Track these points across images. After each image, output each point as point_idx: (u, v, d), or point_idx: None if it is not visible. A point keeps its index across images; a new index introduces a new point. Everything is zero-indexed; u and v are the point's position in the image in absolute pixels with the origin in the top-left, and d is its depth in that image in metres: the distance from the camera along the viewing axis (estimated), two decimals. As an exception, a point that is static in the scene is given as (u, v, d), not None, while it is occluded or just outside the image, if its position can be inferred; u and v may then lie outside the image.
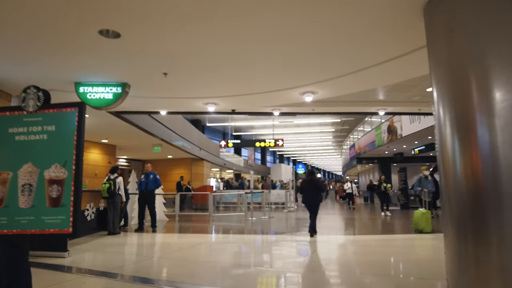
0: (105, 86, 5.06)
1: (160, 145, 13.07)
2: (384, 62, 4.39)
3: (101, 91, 5.04)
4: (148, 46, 3.94)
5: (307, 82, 5.18)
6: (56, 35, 3.64)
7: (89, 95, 5.03)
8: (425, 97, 6.72)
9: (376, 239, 7.28)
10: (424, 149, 17.61)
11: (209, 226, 9.86)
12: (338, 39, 3.73)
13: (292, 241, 7.07)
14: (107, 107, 5.08)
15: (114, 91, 5.05)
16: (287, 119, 26.19)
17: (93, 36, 3.60)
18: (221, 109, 6.85)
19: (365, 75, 4.88)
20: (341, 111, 7.38)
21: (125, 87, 5.06)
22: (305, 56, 4.25)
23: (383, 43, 3.85)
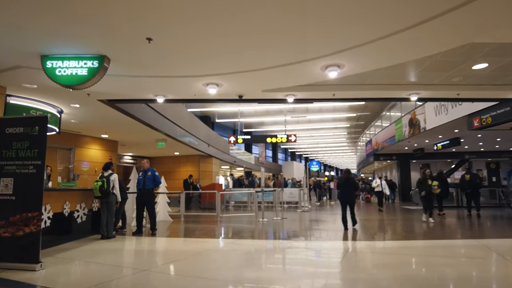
0: (79, 60, 4.16)
1: (164, 140, 12.23)
2: (424, 22, 3.36)
3: (73, 66, 4.15)
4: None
5: (330, 50, 4.12)
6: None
7: (59, 71, 4.15)
8: (468, 77, 5.64)
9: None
10: (448, 144, 16.30)
11: (217, 228, 8.95)
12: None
13: (318, 250, 6.08)
14: (81, 85, 4.17)
15: (90, 65, 4.15)
16: (300, 114, 25.14)
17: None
18: (225, 93, 5.86)
19: (402, 41, 3.85)
20: (366, 96, 6.34)
21: (103, 61, 4.15)
22: (330, 12, 3.25)
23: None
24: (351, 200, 8.15)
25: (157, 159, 18.64)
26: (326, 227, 9.07)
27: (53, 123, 7.31)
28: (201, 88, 5.55)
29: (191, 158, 17.74)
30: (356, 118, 27.55)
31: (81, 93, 6.31)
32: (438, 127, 12.91)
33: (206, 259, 5.02)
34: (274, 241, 6.72)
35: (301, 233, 8.04)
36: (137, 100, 6.69)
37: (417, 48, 4.15)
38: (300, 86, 5.85)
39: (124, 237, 7.29)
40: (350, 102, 15.01)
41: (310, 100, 6.47)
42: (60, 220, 6.10)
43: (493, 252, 5.37)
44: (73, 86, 4.17)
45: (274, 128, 30.47)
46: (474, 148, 19.42)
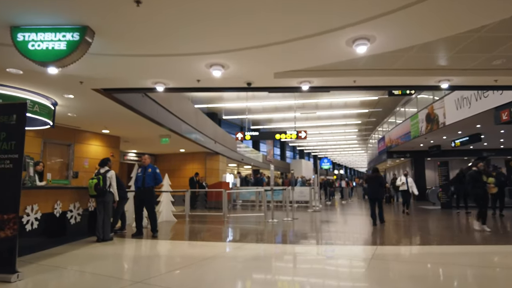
0: (56, 32, 3.53)
1: (168, 136, 11.64)
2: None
3: (49, 39, 3.53)
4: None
5: (359, 16, 3.31)
6: None
7: (32, 45, 3.53)
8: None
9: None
10: (466, 141, 15.41)
11: (223, 229, 8.33)
12: None
13: (337, 257, 5.41)
14: (59, 62, 3.53)
15: (69, 38, 3.51)
16: (309, 110, 24.39)
17: None
18: (232, 77, 5.15)
19: (447, 6, 3.13)
20: (390, 83, 5.63)
21: (85, 33, 3.51)
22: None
23: None
24: (379, 197, 8.90)
25: (162, 157, 18.12)
26: (341, 228, 8.38)
27: (46, 116, 6.75)
28: (204, 71, 4.86)
29: (197, 155, 17.17)
30: (368, 115, 26.70)
31: (74, 82, 5.74)
32: (459, 122, 12.08)
33: (211, 268, 4.38)
34: (286, 246, 6.06)
35: (315, 236, 7.37)
36: (135, 90, 6.09)
37: (466, 17, 3.39)
38: (316, 71, 5.18)
39: (123, 239, 6.70)
40: (371, 91, 14.08)
41: (327, 88, 5.78)
42: (50, 222, 5.53)
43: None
44: (50, 63, 3.53)
45: (282, 125, 29.79)
46: (494, 145, 18.50)
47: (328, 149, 47.15)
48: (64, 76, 5.36)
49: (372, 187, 9.02)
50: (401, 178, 12.44)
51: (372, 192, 8.98)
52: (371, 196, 8.97)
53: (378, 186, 8.93)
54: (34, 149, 9.15)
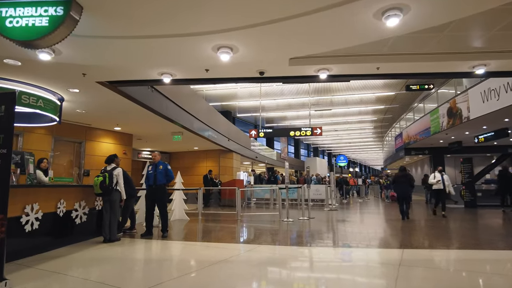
0: (36, 6, 3.15)
1: (180, 133, 11.34)
2: None
3: (29, 14, 3.16)
4: None
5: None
6: None
7: (10, 21, 3.16)
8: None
9: None
10: (491, 137, 14.55)
11: (236, 229, 7.95)
12: None
13: (362, 264, 4.95)
14: (41, 40, 3.13)
15: (51, 13, 3.13)
16: (324, 107, 23.80)
17: None
18: (243, 63, 4.69)
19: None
20: (417, 70, 5.09)
21: (70, 8, 3.10)
22: None
23: None
24: (407, 195, 9.56)
25: (176, 154, 17.92)
26: (361, 229, 7.87)
27: (51, 111, 6.49)
28: (211, 56, 4.42)
29: (210, 153, 16.87)
30: (384, 111, 25.94)
31: (76, 74, 5.45)
32: (485, 116, 11.32)
33: (222, 273, 3.99)
34: (303, 249, 5.61)
35: (334, 237, 6.89)
36: (141, 82, 5.74)
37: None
38: (336, 57, 4.71)
39: (131, 240, 6.39)
40: (395, 79, 13.31)
41: (347, 77, 5.30)
42: (53, 222, 5.25)
43: None
44: (31, 42, 3.17)
45: (296, 123, 29.31)
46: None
47: (343, 147, 46.35)
48: (63, 67, 5.05)
49: (400, 185, 9.69)
50: (435, 175, 10.58)
51: (401, 191, 9.63)
52: (400, 195, 9.64)
53: (407, 184, 9.65)
54: (44, 147, 8.99)
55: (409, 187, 9.67)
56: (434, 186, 10.47)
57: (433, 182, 10.51)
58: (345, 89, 19.85)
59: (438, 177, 10.40)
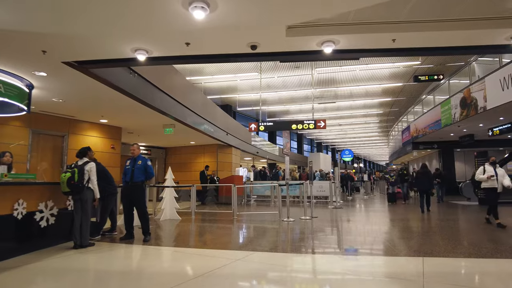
0: None
1: (172, 126, 10.52)
2: None
3: None
4: None
5: None
6: None
7: None
8: None
9: None
10: (507, 129, 13.56)
11: (230, 231, 7.14)
12: None
13: (378, 279, 4.11)
14: None
15: None
16: (328, 100, 22.87)
17: None
18: (225, 28, 3.79)
19: None
20: (440, 43, 4.19)
21: None
22: None
23: None
24: (427, 189, 10.50)
25: (172, 150, 17.13)
26: (370, 231, 7.02)
27: (15, 99, 5.66)
28: (185, 17, 3.51)
29: (208, 148, 16.05)
30: (390, 104, 24.98)
31: (35, 51, 4.61)
32: (504, 105, 10.36)
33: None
34: (304, 257, 4.77)
35: (340, 241, 6.05)
36: (114, 62, 4.90)
37: None
38: (343, 26, 3.85)
39: (108, 244, 5.59)
40: (413, 56, 12.33)
41: (357, 52, 4.43)
42: (8, 226, 4.46)
43: None
44: None
45: (300, 117, 28.40)
46: (537, 133, 16.51)
47: (347, 142, 45.43)
48: (12, 39, 4.22)
49: (422, 181, 10.60)
50: (485, 168, 7.52)
51: (423, 185, 10.54)
52: (421, 188, 10.59)
53: (427, 180, 10.62)
54: (19, 140, 8.20)
55: (430, 182, 10.77)
56: (484, 184, 7.42)
57: (482, 178, 7.40)
58: (351, 80, 18.94)
59: (490, 171, 7.37)
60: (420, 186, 10.71)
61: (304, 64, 16.25)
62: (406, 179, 14.08)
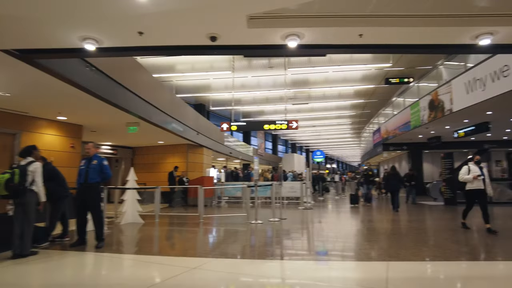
0: None
1: (137, 124, 9.98)
2: None
3: None
4: None
5: None
6: None
7: None
8: None
9: None
10: (471, 131, 13.96)
11: (193, 235, 6.77)
12: None
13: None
14: None
15: None
16: (301, 101, 22.87)
17: None
18: (179, 13, 3.44)
19: None
20: (408, 40, 4.06)
21: None
22: None
23: None
24: (396, 189, 11.39)
25: (140, 150, 16.43)
26: (338, 233, 6.87)
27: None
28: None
29: (178, 148, 15.51)
30: (362, 106, 25.36)
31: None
32: (469, 108, 10.60)
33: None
34: (266, 264, 4.49)
35: (307, 245, 5.85)
36: (60, 52, 4.42)
37: None
38: (309, 18, 3.61)
39: (55, 252, 5.08)
40: (381, 53, 12.20)
41: (323, 48, 4.21)
42: None
43: None
44: None
45: (274, 117, 28.30)
46: (498, 136, 17.21)
47: (321, 143, 45.98)
48: None
49: (392, 182, 11.81)
50: (470, 167, 6.73)
51: (393, 186, 11.61)
52: (392, 189, 11.57)
53: (397, 181, 11.87)
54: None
55: (399, 183, 11.96)
56: (469, 185, 6.62)
57: (468, 178, 6.59)
58: (324, 81, 19.00)
59: (475, 170, 6.63)
60: (390, 186, 11.71)
61: (278, 64, 16.08)
62: (371, 181, 13.99)
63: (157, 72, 15.92)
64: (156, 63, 15.35)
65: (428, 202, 14.16)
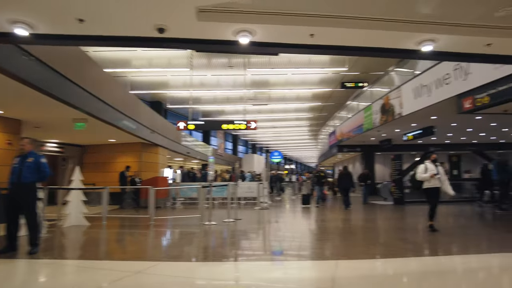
0: None
1: (84, 120, 9.36)
2: None
3: None
4: None
5: None
6: None
7: None
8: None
9: None
10: (420, 134, 14.80)
11: (142, 238, 6.44)
12: None
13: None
14: None
15: None
16: (261, 102, 22.98)
17: None
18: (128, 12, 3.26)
19: None
20: (357, 42, 4.14)
21: None
22: None
23: None
24: (348, 187, 12.26)
25: (91, 148, 15.47)
26: (291, 232, 6.89)
27: None
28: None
29: (131, 146, 14.83)
30: (320, 109, 26.03)
31: None
32: (416, 112, 11.22)
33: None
34: (215, 266, 4.36)
35: (258, 245, 5.78)
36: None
37: None
38: (261, 14, 3.54)
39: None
40: (331, 54, 12.56)
41: (275, 47, 4.18)
42: None
43: None
44: None
45: (235, 117, 28.18)
46: (441, 140, 18.46)
47: (281, 144, 46.64)
48: None
49: (344, 181, 12.54)
50: (427, 166, 6.86)
51: (345, 184, 12.38)
52: (344, 187, 12.33)
53: (349, 180, 12.63)
54: None
55: (350, 182, 12.70)
56: (427, 183, 6.72)
57: (425, 177, 6.70)
58: (283, 83, 19.24)
59: (432, 169, 6.75)
60: (343, 185, 12.45)
61: (238, 64, 16.00)
62: (322, 182, 13.91)
63: (110, 67, 15.14)
64: (110, 57, 14.60)
65: (379, 202, 14.78)
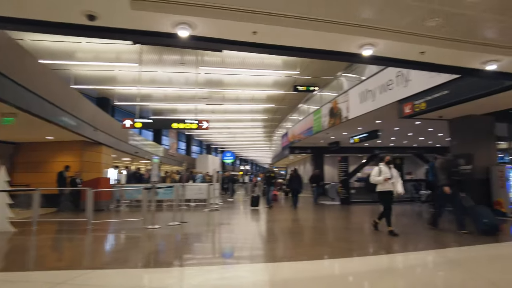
0: None
1: (13, 115, 8.48)
2: None
3: None
4: None
5: None
6: None
7: None
8: (450, 21, 3.84)
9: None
10: (365, 137, 15.53)
11: (76, 244, 5.92)
12: None
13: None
14: None
15: None
16: (215, 101, 22.66)
17: None
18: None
19: None
20: (301, 43, 4.11)
21: None
22: None
23: None
24: (299, 189, 12.91)
25: (26, 146, 14.09)
26: (237, 234, 6.77)
27: None
28: None
29: (72, 145, 13.76)
30: (274, 111, 26.33)
31: None
32: (362, 116, 11.73)
33: None
34: (149, 272, 4.09)
35: (200, 249, 5.57)
36: None
37: None
38: (201, 7, 3.35)
39: None
40: (275, 54, 12.69)
41: (217, 43, 4.02)
42: None
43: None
44: None
45: (187, 117, 27.50)
46: (386, 143, 19.54)
47: (236, 145, 46.55)
48: None
49: (295, 183, 12.96)
50: (381, 169, 6.72)
51: (295, 186, 12.84)
52: (293, 188, 12.89)
53: (299, 182, 13.06)
54: None
55: (300, 184, 13.13)
56: (380, 186, 6.64)
57: (379, 180, 6.61)
58: (237, 84, 19.11)
59: (386, 172, 6.62)
60: (292, 186, 12.95)
61: (190, 61, 15.60)
62: (272, 182, 14.04)
63: (50, 58, 13.99)
64: (50, 48, 13.46)
65: (327, 202, 15.21)
